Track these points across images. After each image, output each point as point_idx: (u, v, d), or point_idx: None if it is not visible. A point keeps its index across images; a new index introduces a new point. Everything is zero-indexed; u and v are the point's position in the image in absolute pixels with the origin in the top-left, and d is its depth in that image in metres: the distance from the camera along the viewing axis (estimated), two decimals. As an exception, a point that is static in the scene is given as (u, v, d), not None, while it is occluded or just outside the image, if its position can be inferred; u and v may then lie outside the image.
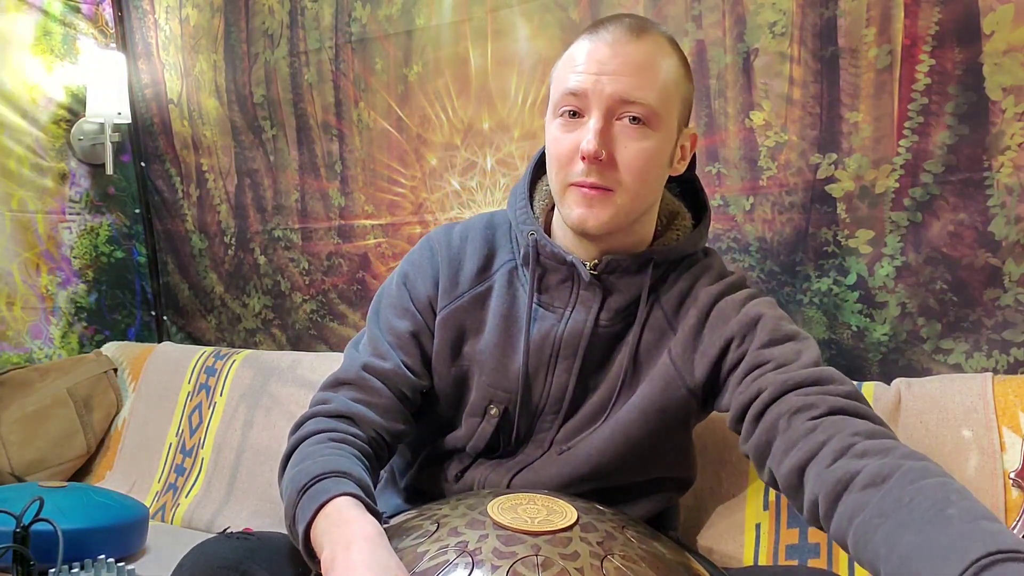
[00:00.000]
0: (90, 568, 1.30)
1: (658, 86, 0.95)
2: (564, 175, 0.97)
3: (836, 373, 0.91)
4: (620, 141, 0.95)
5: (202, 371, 1.96)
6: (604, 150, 0.93)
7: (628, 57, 0.94)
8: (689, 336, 1.00)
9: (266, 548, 0.96)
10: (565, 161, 0.96)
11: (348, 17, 1.86)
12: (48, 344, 2.25)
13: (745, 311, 0.98)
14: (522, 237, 1.05)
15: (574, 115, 0.96)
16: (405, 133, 1.81)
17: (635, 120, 0.94)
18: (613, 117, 0.95)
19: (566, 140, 0.96)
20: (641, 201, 0.98)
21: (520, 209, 1.07)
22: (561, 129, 0.97)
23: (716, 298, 1.01)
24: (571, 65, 0.97)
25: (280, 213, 2.06)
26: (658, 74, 0.95)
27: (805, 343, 0.95)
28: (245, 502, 1.73)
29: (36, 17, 2.23)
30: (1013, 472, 1.08)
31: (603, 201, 0.95)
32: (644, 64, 0.94)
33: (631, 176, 0.95)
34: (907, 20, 1.24)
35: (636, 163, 0.95)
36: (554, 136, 0.98)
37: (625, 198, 0.96)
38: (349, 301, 1.96)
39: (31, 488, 1.51)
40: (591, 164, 0.94)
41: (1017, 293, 1.21)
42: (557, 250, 1.02)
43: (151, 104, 2.28)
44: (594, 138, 0.93)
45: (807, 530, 1.20)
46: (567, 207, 0.98)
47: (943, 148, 1.23)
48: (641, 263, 1.02)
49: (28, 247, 2.23)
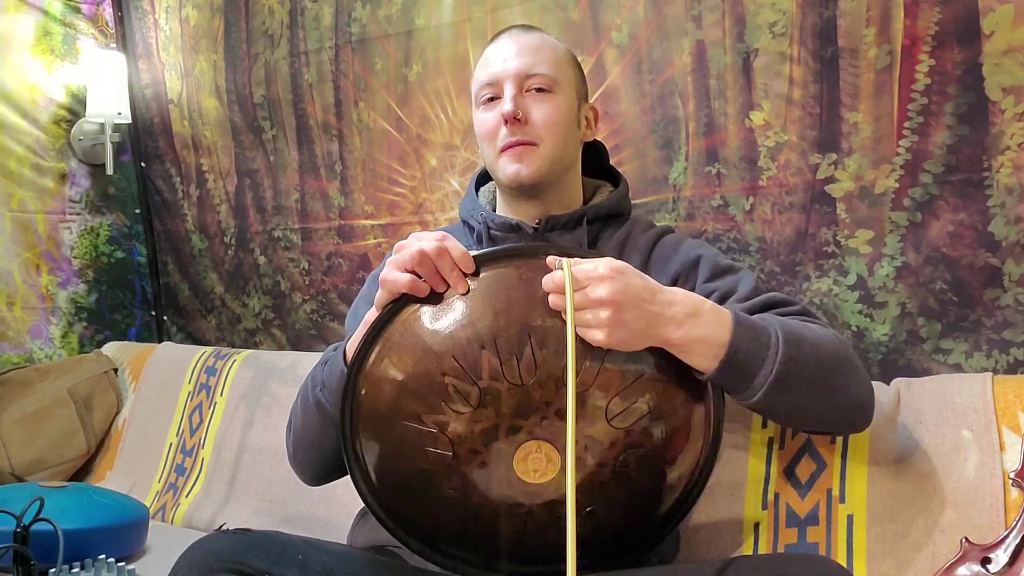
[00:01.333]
0: (90, 568, 1.30)
1: (551, 61, 1.16)
2: (493, 145, 1.16)
3: (784, 296, 1.08)
4: (531, 105, 1.14)
5: (202, 371, 1.96)
6: (520, 111, 1.13)
7: (523, 43, 1.16)
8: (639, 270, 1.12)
9: (263, 541, 0.97)
10: (492, 132, 1.16)
11: (348, 17, 1.86)
12: (48, 344, 2.26)
13: (684, 251, 1.15)
14: (474, 221, 1.22)
15: (491, 100, 1.16)
16: (405, 133, 1.81)
17: (540, 90, 1.15)
18: (522, 89, 1.14)
19: (489, 117, 1.16)
20: (561, 151, 1.16)
21: (469, 204, 1.26)
22: (483, 111, 1.17)
23: (654, 240, 1.18)
24: (484, 65, 1.18)
25: (280, 213, 2.06)
26: (549, 53, 1.17)
27: (743, 273, 1.13)
28: (245, 502, 1.73)
29: (36, 17, 2.23)
30: (1013, 472, 1.08)
31: (530, 154, 1.14)
32: (537, 46, 1.16)
33: (546, 130, 1.14)
34: (907, 20, 1.24)
35: (549, 118, 1.14)
36: (480, 119, 1.18)
37: (547, 148, 1.14)
38: (349, 301, 1.96)
39: (31, 488, 1.51)
40: (512, 125, 1.13)
41: (1017, 293, 1.21)
42: (504, 219, 1.19)
43: (151, 104, 2.28)
44: (510, 101, 1.13)
45: (806, 529, 1.20)
46: (502, 169, 1.16)
47: (943, 148, 1.23)
48: (576, 219, 1.18)
49: (28, 247, 2.23)
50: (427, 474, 0.95)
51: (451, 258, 0.94)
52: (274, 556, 0.94)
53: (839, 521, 1.18)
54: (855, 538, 1.16)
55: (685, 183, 1.46)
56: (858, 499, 1.17)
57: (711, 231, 1.44)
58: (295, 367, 1.81)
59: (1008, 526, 1.05)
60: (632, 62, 1.50)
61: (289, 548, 0.96)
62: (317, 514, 1.60)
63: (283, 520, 1.65)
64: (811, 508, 1.20)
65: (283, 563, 0.95)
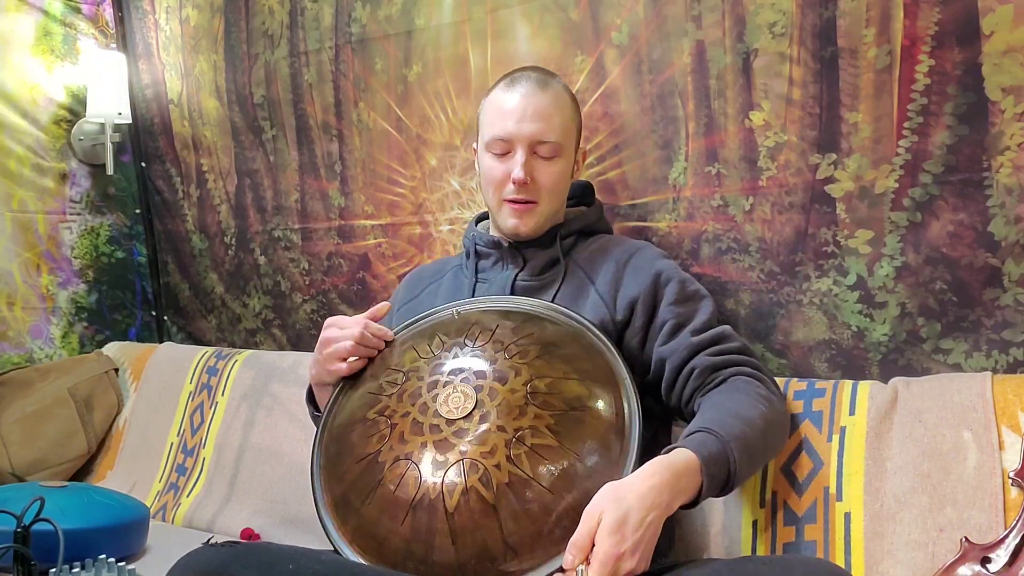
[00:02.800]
0: (91, 568, 1.30)
1: (560, 127, 1.30)
2: (498, 194, 1.32)
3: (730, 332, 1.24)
4: (538, 168, 1.30)
5: (204, 371, 1.96)
6: (528, 176, 1.28)
7: (538, 105, 1.29)
8: (611, 280, 1.29)
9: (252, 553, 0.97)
10: (499, 184, 1.31)
11: (348, 17, 1.86)
12: (49, 344, 2.26)
13: (657, 267, 1.28)
14: (467, 241, 1.41)
15: (503, 154, 1.30)
16: (405, 133, 1.81)
17: (547, 155, 1.30)
18: (532, 152, 1.29)
19: (498, 169, 1.31)
20: (555, 206, 1.34)
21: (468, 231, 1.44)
22: (494, 161, 1.32)
23: (630, 253, 1.32)
24: (498, 115, 1.31)
25: (280, 213, 2.06)
26: (559, 117, 1.30)
27: (703, 303, 1.27)
28: (246, 502, 1.73)
29: (37, 17, 2.23)
30: (1012, 471, 1.08)
31: (530, 212, 1.31)
32: (551, 111, 1.30)
33: (547, 192, 1.31)
34: (906, 20, 1.24)
35: (550, 182, 1.31)
36: (489, 165, 1.32)
37: (545, 207, 1.32)
38: (349, 301, 1.96)
39: (32, 488, 1.51)
40: (520, 187, 1.29)
41: (1016, 293, 1.21)
42: (489, 236, 1.37)
43: (151, 104, 2.28)
44: (521, 169, 1.28)
45: (803, 527, 1.20)
46: (502, 218, 1.33)
47: (942, 148, 1.23)
48: (552, 236, 1.35)
49: (29, 247, 2.23)
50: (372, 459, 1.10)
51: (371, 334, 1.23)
52: (264, 567, 0.94)
53: (837, 519, 1.18)
54: (852, 537, 1.16)
55: (685, 183, 1.46)
56: (855, 498, 1.18)
57: (711, 231, 1.45)
58: (296, 367, 1.81)
59: (1008, 526, 1.06)
60: (632, 62, 1.50)
61: (280, 559, 0.96)
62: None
63: (283, 520, 1.65)
64: (809, 506, 1.20)
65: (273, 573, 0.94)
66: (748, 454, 1.07)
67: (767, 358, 1.41)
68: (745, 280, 1.42)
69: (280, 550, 0.99)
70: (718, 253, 1.44)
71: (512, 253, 1.35)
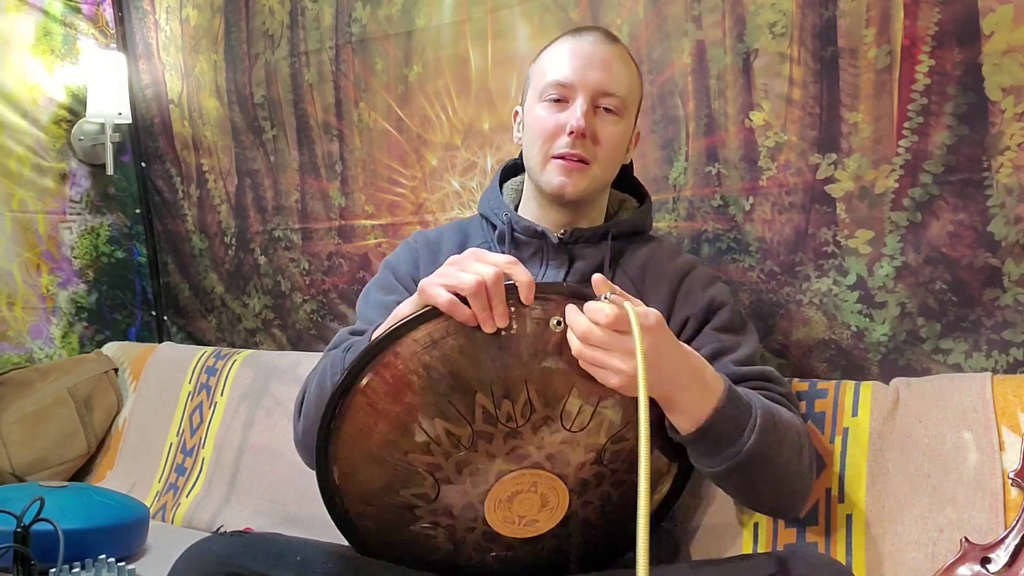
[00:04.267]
0: (90, 568, 1.30)
1: (627, 83, 1.15)
2: (547, 148, 1.13)
3: (776, 374, 1.12)
4: (599, 124, 1.13)
5: (203, 371, 1.96)
6: (589, 129, 1.11)
7: (606, 54, 1.13)
8: (664, 301, 1.15)
9: (260, 543, 0.97)
10: (550, 135, 1.13)
11: (348, 17, 1.86)
12: (49, 344, 2.26)
13: (710, 293, 1.16)
14: (497, 220, 1.20)
15: (559, 100, 1.13)
16: (405, 133, 1.81)
17: (609, 110, 1.14)
18: (595, 104, 1.13)
19: (552, 119, 1.13)
20: (608, 175, 1.18)
21: (493, 200, 1.24)
22: (547, 110, 1.14)
23: (683, 272, 1.19)
24: (557, 59, 1.14)
25: (280, 213, 2.06)
26: (627, 73, 1.16)
27: (749, 336, 1.16)
28: (246, 502, 1.73)
29: (37, 17, 2.23)
30: (1012, 471, 1.08)
31: (581, 172, 1.13)
32: (620, 64, 1.15)
33: (605, 153, 1.14)
34: (907, 20, 1.24)
35: (611, 142, 1.14)
36: (539, 116, 1.14)
37: (598, 170, 1.14)
38: (349, 301, 1.96)
39: (32, 488, 1.51)
40: (578, 139, 1.11)
41: (1016, 293, 1.21)
42: (529, 223, 1.18)
43: (151, 104, 2.28)
44: (583, 116, 1.11)
45: (805, 529, 1.20)
46: (548, 175, 1.14)
47: (942, 148, 1.23)
48: (601, 234, 1.18)
49: (29, 247, 2.23)
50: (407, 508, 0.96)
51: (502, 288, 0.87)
52: (272, 558, 0.94)
53: (838, 521, 1.18)
54: (854, 538, 1.16)
55: (685, 183, 1.46)
56: (857, 499, 1.17)
57: (711, 231, 1.45)
58: (296, 367, 1.81)
59: (1008, 526, 1.06)
60: (632, 62, 1.50)
61: (287, 549, 0.96)
62: (317, 514, 1.58)
63: (283, 520, 1.65)
64: (810, 508, 1.20)
65: (281, 565, 0.95)
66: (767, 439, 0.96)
67: (767, 358, 1.41)
68: (745, 280, 1.42)
69: (288, 541, 0.99)
70: (718, 253, 1.44)
71: (557, 249, 1.17)
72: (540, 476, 0.94)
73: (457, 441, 0.91)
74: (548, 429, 0.92)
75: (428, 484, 0.93)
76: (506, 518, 0.95)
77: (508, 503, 0.94)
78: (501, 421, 0.90)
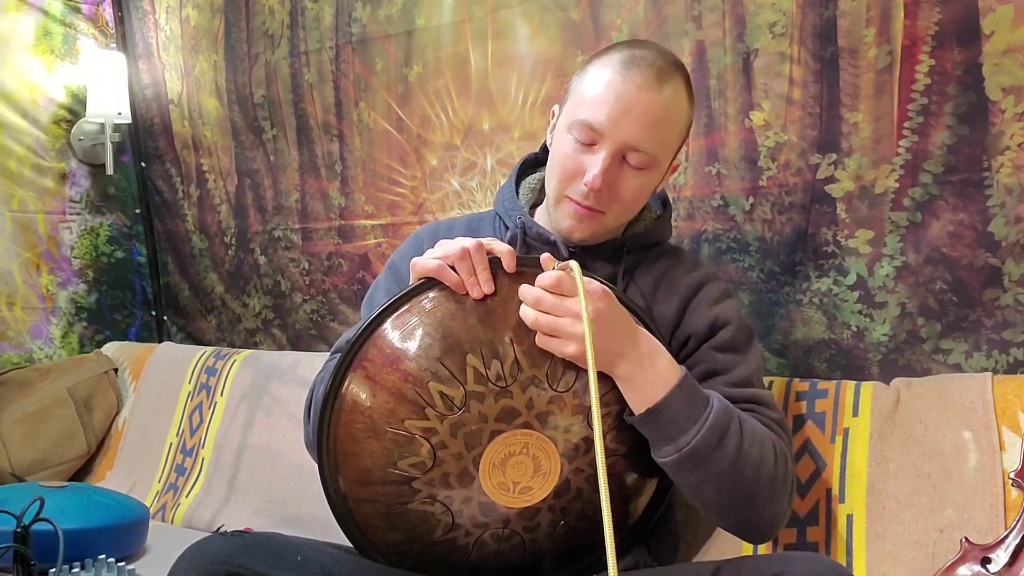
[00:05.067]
0: (90, 568, 1.30)
1: (665, 139, 1.08)
2: (564, 187, 1.09)
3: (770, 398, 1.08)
4: (619, 178, 1.07)
5: (203, 371, 1.96)
6: (605, 185, 1.05)
7: (648, 107, 1.04)
8: (672, 317, 1.12)
9: (261, 543, 0.97)
10: (568, 177, 1.08)
11: (348, 17, 1.86)
12: (48, 344, 2.26)
13: (715, 313, 1.11)
14: (510, 222, 1.17)
15: (588, 143, 1.06)
16: (405, 133, 1.81)
17: (635, 165, 1.07)
18: (619, 156, 1.06)
19: (574, 161, 1.07)
20: (622, 220, 1.14)
21: (508, 200, 1.20)
22: (571, 148, 1.07)
23: (695, 287, 1.14)
24: (596, 93, 1.06)
25: (280, 213, 2.06)
26: (669, 127, 1.08)
27: (749, 357, 1.10)
28: (245, 502, 1.73)
29: (36, 17, 2.23)
30: (1013, 472, 1.08)
31: (592, 219, 1.09)
32: (660, 118, 1.05)
33: (622, 206, 1.10)
34: (907, 20, 1.24)
35: (629, 196, 1.09)
36: (564, 152, 1.08)
37: (612, 219, 1.11)
38: (349, 301, 1.96)
39: (31, 488, 1.51)
40: (591, 193, 1.06)
41: (1017, 293, 1.21)
42: (542, 231, 1.14)
43: (151, 104, 2.28)
44: (600, 175, 1.04)
45: (805, 529, 1.20)
46: (560, 215, 1.11)
47: (943, 148, 1.23)
48: (616, 248, 1.15)
49: (28, 247, 2.23)
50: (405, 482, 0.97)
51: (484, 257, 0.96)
52: (272, 557, 0.95)
53: (839, 521, 1.18)
54: (854, 538, 1.16)
55: (685, 183, 1.46)
56: (857, 499, 1.17)
57: (711, 231, 1.44)
58: (295, 367, 1.81)
59: (1008, 526, 1.06)
60: (632, 62, 1.49)
61: (288, 549, 0.97)
62: (317, 514, 1.60)
63: (283, 520, 1.65)
64: (811, 508, 1.20)
65: (281, 564, 0.95)
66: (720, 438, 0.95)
67: (767, 358, 1.41)
68: (745, 280, 1.42)
69: (288, 541, 0.99)
70: (718, 253, 1.44)
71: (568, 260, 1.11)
72: (531, 437, 0.96)
73: (451, 403, 0.95)
74: (536, 388, 0.96)
75: (424, 451, 0.95)
76: (500, 484, 0.96)
77: (502, 467, 0.96)
78: (491, 380, 0.95)
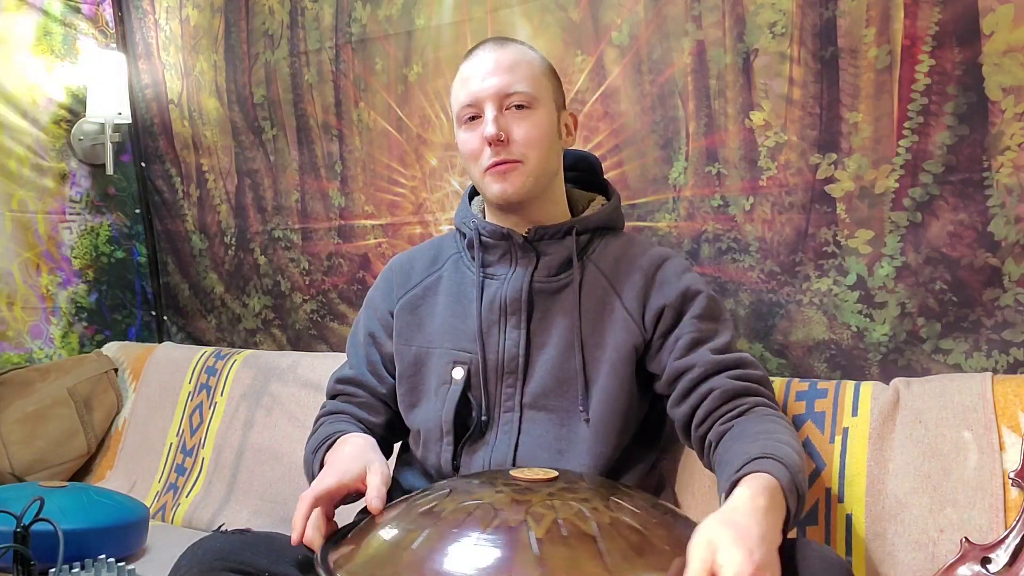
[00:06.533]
0: (90, 568, 1.30)
1: (529, 77, 1.16)
2: (478, 165, 1.17)
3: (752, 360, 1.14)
4: (512, 124, 1.15)
5: (203, 371, 1.96)
6: (502, 132, 1.13)
7: (500, 60, 1.16)
8: (638, 293, 1.18)
9: (263, 541, 0.97)
10: (476, 153, 1.16)
11: (348, 17, 1.86)
12: (48, 344, 2.26)
13: (685, 281, 1.17)
14: (466, 229, 1.24)
15: (473, 119, 1.17)
16: (405, 133, 1.81)
17: (519, 107, 1.15)
18: (502, 108, 1.15)
19: (472, 138, 1.17)
20: (544, 165, 1.17)
21: (462, 212, 1.28)
22: (466, 132, 1.18)
23: (657, 264, 1.20)
24: (462, 84, 1.18)
25: (280, 213, 2.06)
26: (526, 68, 1.17)
27: (725, 325, 1.17)
28: (245, 502, 1.73)
29: (36, 17, 2.23)
30: (1013, 472, 1.08)
31: (514, 172, 1.15)
32: (513, 62, 1.16)
33: (529, 147, 1.15)
34: (907, 20, 1.24)
35: (530, 136, 1.15)
36: (463, 139, 1.18)
37: (531, 165, 1.16)
38: (349, 301, 1.96)
39: (31, 488, 1.51)
40: (495, 146, 1.14)
41: (1017, 293, 1.21)
42: (494, 227, 1.20)
43: (151, 104, 2.28)
44: (492, 123, 1.13)
45: (805, 528, 1.20)
46: (488, 188, 1.17)
47: (943, 148, 1.23)
48: (565, 230, 1.20)
49: (28, 247, 2.23)
50: None
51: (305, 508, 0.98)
52: (274, 555, 0.95)
53: (838, 521, 1.18)
54: (854, 538, 1.16)
55: (685, 183, 1.46)
56: (857, 499, 1.17)
57: (711, 231, 1.45)
58: (295, 367, 1.81)
59: (1008, 526, 1.06)
60: (632, 62, 1.50)
61: (288, 548, 0.97)
62: (317, 514, 1.60)
63: (283, 520, 1.65)
64: (810, 508, 1.20)
65: (283, 562, 0.95)
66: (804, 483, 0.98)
67: (767, 358, 1.41)
68: (745, 280, 1.42)
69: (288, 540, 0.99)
70: (718, 253, 1.44)
71: (524, 247, 1.19)
72: None
73: None
74: None
75: None
76: None
77: None
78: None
